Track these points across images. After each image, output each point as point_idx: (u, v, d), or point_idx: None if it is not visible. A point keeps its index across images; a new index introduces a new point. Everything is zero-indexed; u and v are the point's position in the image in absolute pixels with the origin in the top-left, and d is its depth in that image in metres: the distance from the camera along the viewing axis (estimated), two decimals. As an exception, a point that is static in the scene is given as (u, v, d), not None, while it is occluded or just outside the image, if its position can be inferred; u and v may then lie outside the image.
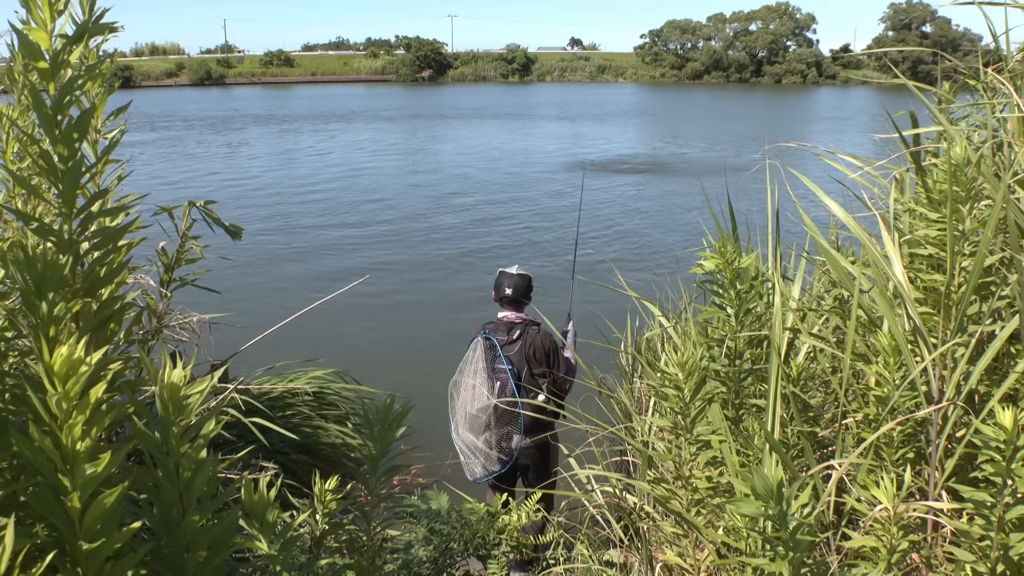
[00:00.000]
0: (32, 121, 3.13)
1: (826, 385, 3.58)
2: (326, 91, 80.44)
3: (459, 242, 16.78)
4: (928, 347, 2.58)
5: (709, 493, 2.81)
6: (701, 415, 2.72)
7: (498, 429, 5.07)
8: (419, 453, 5.48)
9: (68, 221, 1.94)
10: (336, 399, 6.44)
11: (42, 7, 1.86)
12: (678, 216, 19.42)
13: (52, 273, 1.73)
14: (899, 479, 2.43)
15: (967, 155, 2.52)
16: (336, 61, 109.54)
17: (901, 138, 3.39)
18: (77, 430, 1.47)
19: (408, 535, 3.32)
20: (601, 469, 4.04)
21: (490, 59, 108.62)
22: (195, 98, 69.27)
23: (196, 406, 1.67)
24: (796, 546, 1.94)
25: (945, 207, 2.53)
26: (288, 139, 37.31)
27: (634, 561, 3.61)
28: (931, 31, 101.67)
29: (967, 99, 3.98)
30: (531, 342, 5.18)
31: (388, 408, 2.37)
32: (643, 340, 6.26)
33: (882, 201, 3.48)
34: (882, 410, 2.60)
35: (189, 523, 1.68)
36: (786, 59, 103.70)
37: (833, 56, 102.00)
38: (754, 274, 2.97)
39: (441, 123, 46.53)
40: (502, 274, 5.39)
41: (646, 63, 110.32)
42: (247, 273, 13.83)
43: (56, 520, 1.51)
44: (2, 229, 3.01)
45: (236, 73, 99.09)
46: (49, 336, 1.69)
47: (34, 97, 1.87)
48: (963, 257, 2.55)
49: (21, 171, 3.02)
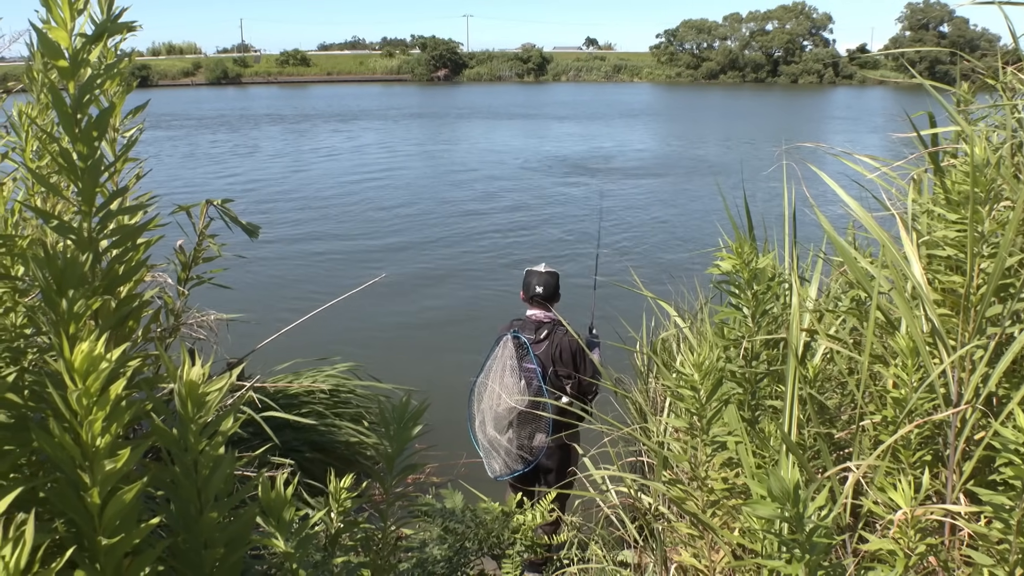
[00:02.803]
0: (51, 120, 3.15)
1: (842, 387, 3.56)
2: (342, 90, 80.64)
3: (477, 242, 16.79)
4: (947, 349, 2.56)
5: (725, 494, 2.80)
6: (717, 416, 2.71)
7: (522, 428, 5.06)
8: (433, 452, 5.48)
9: (87, 219, 1.95)
10: (351, 397, 6.45)
11: (62, 6, 1.87)
12: (694, 216, 19.38)
13: (72, 270, 1.74)
14: (916, 482, 2.42)
15: (986, 156, 2.50)
16: (352, 60, 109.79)
17: (919, 138, 3.36)
18: (97, 426, 1.47)
19: (422, 534, 3.33)
20: (616, 469, 4.03)
21: (505, 59, 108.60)
22: (212, 97, 69.57)
23: (215, 403, 1.68)
24: (812, 548, 1.93)
25: (964, 208, 2.52)
26: (305, 138, 37.41)
27: (648, 562, 3.61)
28: (949, 31, 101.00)
29: (986, 99, 3.95)
30: (558, 343, 5.17)
31: (404, 406, 2.37)
32: (658, 340, 6.24)
33: (899, 202, 3.45)
34: (900, 412, 2.58)
35: (207, 520, 1.69)
36: (802, 59, 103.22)
37: (850, 56, 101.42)
38: (771, 275, 2.96)
39: (458, 122, 46.58)
40: (530, 273, 5.37)
41: (662, 63, 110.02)
42: (264, 271, 13.88)
43: (75, 516, 1.52)
44: (22, 227, 3.03)
45: (252, 72, 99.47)
46: (69, 333, 1.70)
47: (54, 96, 1.88)
48: (982, 259, 2.54)
49: (40, 169, 3.04)
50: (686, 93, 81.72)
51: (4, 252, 2.22)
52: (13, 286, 2.15)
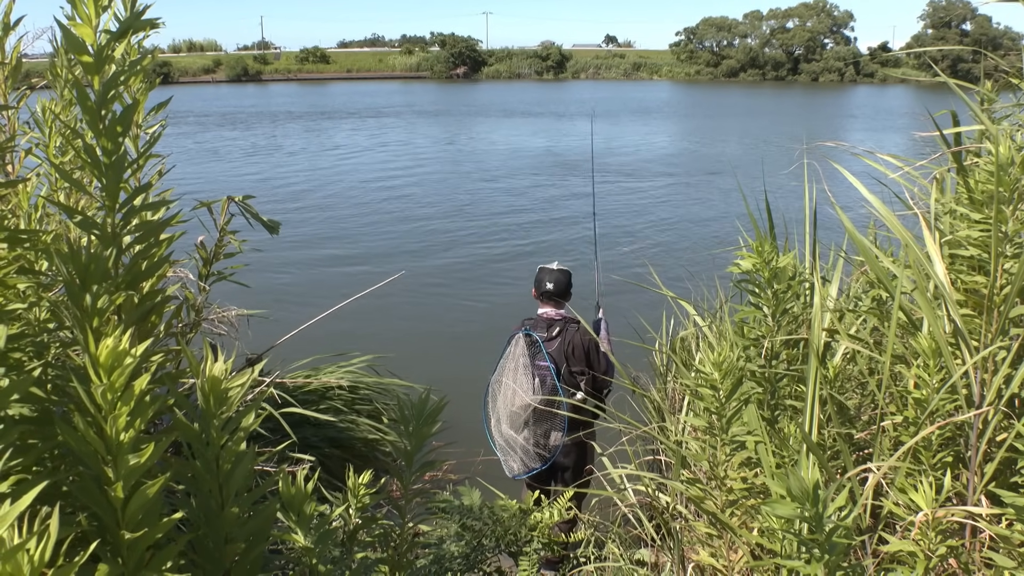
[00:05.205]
0: (75, 116, 3.18)
1: (863, 387, 3.54)
2: (361, 88, 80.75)
3: (497, 240, 16.77)
4: (970, 350, 2.54)
5: (744, 494, 2.79)
6: (737, 415, 2.70)
7: (538, 426, 5.06)
8: (451, 449, 5.49)
9: (111, 215, 1.96)
10: (370, 393, 6.48)
11: (87, 3, 1.88)
12: (714, 214, 19.30)
13: (97, 266, 1.75)
14: (937, 483, 2.40)
15: (1011, 155, 2.48)
16: (371, 58, 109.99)
17: (942, 137, 3.34)
18: (121, 421, 1.49)
19: (440, 530, 3.34)
20: (634, 468, 4.03)
21: (524, 56, 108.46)
22: (232, 94, 69.89)
23: (237, 399, 1.69)
24: (832, 549, 1.93)
25: (988, 208, 2.50)
26: (324, 136, 37.51)
27: (666, 561, 3.60)
28: (971, 29, 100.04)
29: (1010, 98, 3.91)
30: (570, 340, 5.16)
31: (423, 403, 2.37)
32: (677, 339, 6.23)
33: (921, 201, 3.43)
34: (921, 413, 2.56)
35: (228, 515, 1.70)
36: (823, 57, 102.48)
37: (871, 54, 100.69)
38: (791, 274, 2.94)
39: (477, 120, 46.59)
40: (542, 270, 5.37)
41: (681, 61, 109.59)
42: (283, 266, 13.94)
43: (99, 510, 1.54)
44: (45, 222, 3.06)
45: (272, 70, 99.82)
46: (93, 328, 1.71)
47: (79, 92, 1.90)
48: (1006, 259, 2.52)
49: (64, 165, 3.07)
50: (706, 91, 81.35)
51: (28, 247, 2.24)
52: (37, 281, 2.17)
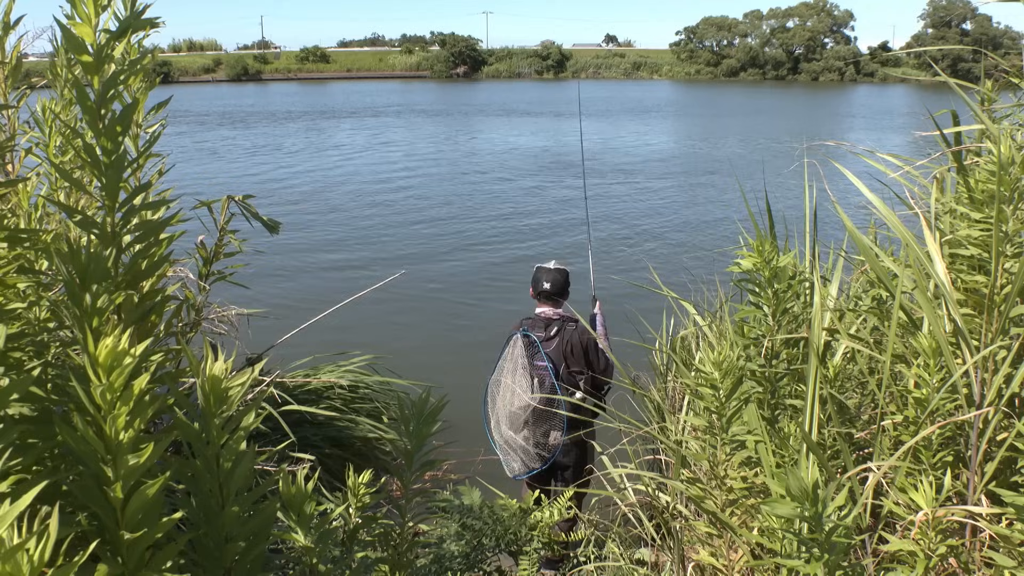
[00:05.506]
0: (74, 115, 3.18)
1: (863, 386, 3.54)
2: (362, 87, 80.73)
3: (496, 241, 16.77)
4: (970, 349, 2.54)
5: (744, 493, 2.79)
6: (737, 415, 2.70)
7: (537, 426, 5.06)
8: (451, 449, 5.49)
9: (111, 214, 1.96)
10: (369, 392, 6.47)
11: (87, 2, 1.88)
12: (714, 214, 19.30)
13: (96, 265, 1.75)
14: (938, 483, 2.40)
15: (1011, 154, 2.47)
16: (371, 57, 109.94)
17: (942, 136, 3.34)
18: (121, 420, 1.48)
19: (440, 530, 3.34)
20: (634, 467, 4.02)
21: (525, 56, 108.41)
22: (232, 94, 69.86)
23: (237, 398, 1.69)
24: (832, 548, 1.93)
25: (988, 207, 2.49)
26: (324, 135, 37.51)
27: (666, 560, 3.60)
28: (972, 28, 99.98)
29: (1010, 98, 3.91)
30: (568, 339, 5.15)
31: (423, 403, 2.37)
32: (677, 339, 6.23)
33: (922, 200, 3.43)
34: (921, 413, 2.56)
35: (228, 514, 1.70)
36: (823, 56, 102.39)
37: (871, 53, 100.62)
38: (791, 273, 2.94)
39: (477, 119, 46.56)
40: (539, 269, 5.36)
41: (681, 60, 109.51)
42: (283, 266, 13.94)
43: (99, 509, 1.53)
44: (45, 222, 3.06)
45: (272, 69, 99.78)
46: (93, 327, 1.71)
47: (79, 91, 1.89)
48: (1007, 258, 2.51)
49: (64, 164, 3.06)
50: (706, 91, 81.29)
51: (28, 247, 2.24)
52: (37, 280, 2.17)
